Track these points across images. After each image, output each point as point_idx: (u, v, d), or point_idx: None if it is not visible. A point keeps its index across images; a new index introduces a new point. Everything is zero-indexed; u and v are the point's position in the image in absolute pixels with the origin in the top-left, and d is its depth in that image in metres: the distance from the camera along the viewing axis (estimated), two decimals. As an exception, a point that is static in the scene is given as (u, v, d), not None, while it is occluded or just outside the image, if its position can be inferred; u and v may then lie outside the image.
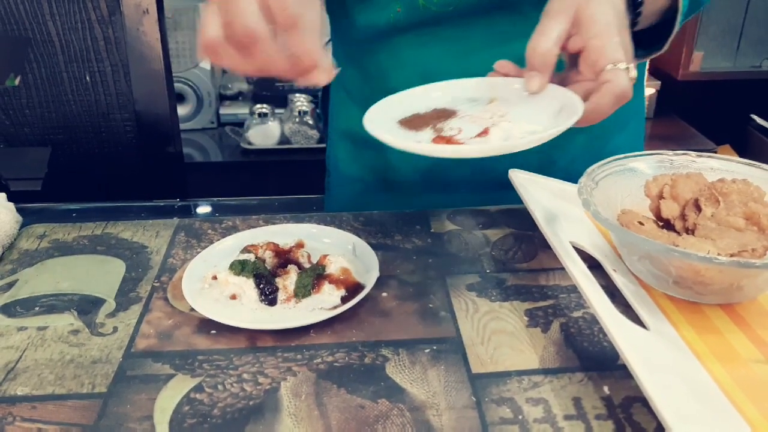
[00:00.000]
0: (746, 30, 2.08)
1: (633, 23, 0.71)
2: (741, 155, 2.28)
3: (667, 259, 0.61)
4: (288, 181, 2.19)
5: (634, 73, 0.66)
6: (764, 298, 0.64)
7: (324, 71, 0.61)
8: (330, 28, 1.01)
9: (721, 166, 0.72)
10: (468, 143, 0.66)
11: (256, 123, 2.22)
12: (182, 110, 2.29)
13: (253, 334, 0.65)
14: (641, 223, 0.67)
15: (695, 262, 0.58)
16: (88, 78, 1.16)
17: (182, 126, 2.26)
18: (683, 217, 0.68)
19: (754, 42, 2.10)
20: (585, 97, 0.66)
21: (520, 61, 0.75)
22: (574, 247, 0.69)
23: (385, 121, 0.71)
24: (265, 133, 2.23)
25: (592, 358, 0.61)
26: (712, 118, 2.13)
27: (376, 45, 0.93)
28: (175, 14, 2.16)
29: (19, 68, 1.15)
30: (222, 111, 2.38)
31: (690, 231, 0.66)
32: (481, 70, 0.89)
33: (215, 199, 0.95)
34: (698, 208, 0.67)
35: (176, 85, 2.21)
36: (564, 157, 0.94)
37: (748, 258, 0.61)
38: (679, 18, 0.77)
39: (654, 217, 0.71)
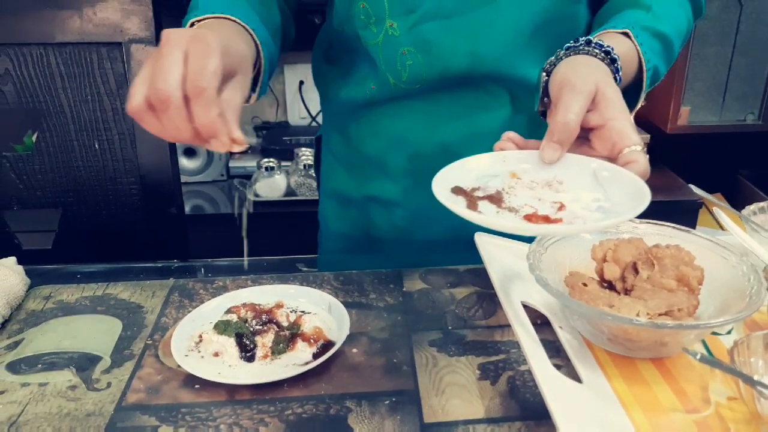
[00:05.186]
0: (730, 86, 2.17)
1: None
2: (732, 204, 2.35)
3: (599, 319, 0.68)
4: (292, 232, 2.26)
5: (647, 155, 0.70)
6: (693, 353, 0.71)
7: (221, 143, 0.63)
8: (320, 102, 1.11)
9: (659, 232, 0.79)
10: (569, 220, 0.66)
11: (264, 176, 2.31)
12: (193, 164, 2.38)
13: (232, 388, 0.72)
14: (585, 285, 0.74)
15: (620, 323, 0.65)
16: (96, 146, 1.25)
17: (193, 179, 2.36)
18: (623, 278, 0.75)
19: (738, 97, 2.18)
20: None
21: (486, 131, 0.87)
22: (526, 305, 0.76)
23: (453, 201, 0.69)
24: (271, 185, 2.31)
25: (531, 408, 0.68)
26: (701, 169, 2.19)
27: (356, 115, 1.03)
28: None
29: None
30: (231, 164, 2.47)
31: (628, 291, 0.73)
32: (449, 137, 0.98)
33: (209, 260, 1.03)
34: (636, 271, 0.74)
35: (188, 140, 2.30)
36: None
37: (677, 316, 0.68)
38: (643, 95, 0.84)
39: (598, 278, 0.77)
